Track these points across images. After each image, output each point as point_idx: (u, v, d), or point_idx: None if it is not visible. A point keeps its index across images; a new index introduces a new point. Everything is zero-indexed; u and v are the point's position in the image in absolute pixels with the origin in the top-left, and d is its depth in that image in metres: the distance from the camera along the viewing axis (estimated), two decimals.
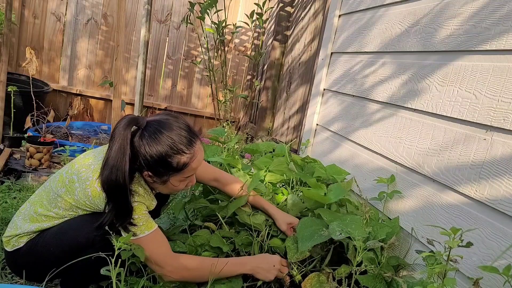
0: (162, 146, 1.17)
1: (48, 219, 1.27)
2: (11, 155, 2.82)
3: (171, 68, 4.33)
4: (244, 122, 4.25)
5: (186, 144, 1.20)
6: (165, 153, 1.18)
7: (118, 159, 1.13)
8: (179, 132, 1.21)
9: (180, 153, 1.20)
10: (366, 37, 1.92)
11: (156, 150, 1.17)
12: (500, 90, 1.14)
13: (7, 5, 2.77)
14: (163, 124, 1.20)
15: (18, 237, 1.28)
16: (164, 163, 1.19)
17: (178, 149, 1.19)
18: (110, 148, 1.15)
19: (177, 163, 1.20)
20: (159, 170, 1.21)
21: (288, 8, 3.63)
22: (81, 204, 1.23)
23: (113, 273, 1.07)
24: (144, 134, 1.18)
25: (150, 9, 3.14)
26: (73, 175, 1.25)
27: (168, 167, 1.20)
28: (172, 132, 1.19)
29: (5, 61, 2.83)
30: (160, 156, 1.17)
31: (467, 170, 1.21)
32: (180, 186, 1.29)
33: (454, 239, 0.95)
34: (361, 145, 1.83)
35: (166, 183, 1.25)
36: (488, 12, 1.22)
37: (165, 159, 1.18)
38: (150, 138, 1.17)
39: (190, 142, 1.22)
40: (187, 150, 1.21)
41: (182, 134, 1.21)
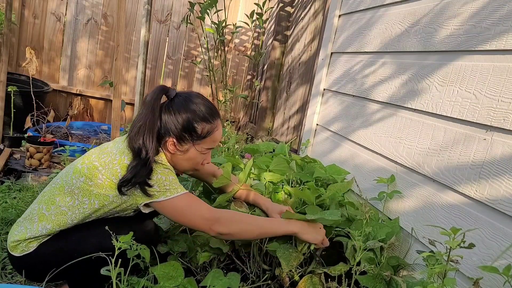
0: (190, 112, 1.28)
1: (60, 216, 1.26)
2: (11, 155, 2.82)
3: (171, 68, 4.33)
4: (244, 122, 4.25)
5: (210, 114, 1.31)
6: (192, 118, 1.28)
7: (148, 119, 1.23)
8: (205, 103, 1.33)
9: (205, 120, 1.30)
10: (366, 37, 1.92)
11: (184, 115, 1.27)
12: (500, 90, 1.14)
13: (7, 5, 2.77)
14: (191, 96, 1.33)
15: (28, 241, 1.27)
16: (190, 128, 1.28)
17: (204, 116, 1.30)
18: (141, 112, 1.26)
19: (201, 129, 1.29)
20: (184, 136, 1.28)
21: (288, 8, 3.63)
22: (102, 190, 1.24)
23: (113, 273, 1.07)
24: (174, 101, 1.30)
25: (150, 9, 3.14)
26: (94, 161, 1.27)
27: (193, 133, 1.29)
28: (198, 103, 1.31)
29: (5, 61, 2.83)
30: (188, 120, 1.27)
31: (467, 170, 1.21)
32: (198, 158, 1.35)
33: (455, 239, 0.95)
34: (361, 145, 1.83)
35: (188, 152, 1.31)
36: (488, 12, 1.22)
37: (191, 124, 1.28)
38: (179, 105, 1.28)
39: (214, 113, 1.33)
40: (211, 119, 1.31)
41: (208, 106, 1.33)
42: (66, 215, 1.26)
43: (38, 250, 1.27)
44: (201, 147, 1.33)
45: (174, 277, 1.32)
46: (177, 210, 1.27)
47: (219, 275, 1.34)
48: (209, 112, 1.32)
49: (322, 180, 1.80)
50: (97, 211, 1.28)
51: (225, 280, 1.32)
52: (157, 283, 1.34)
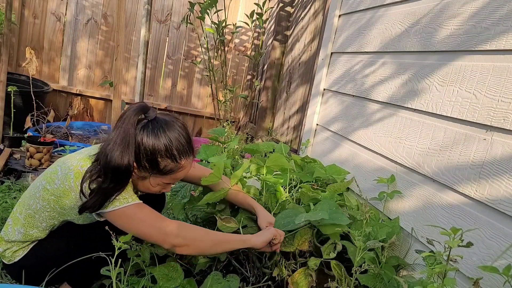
0: (159, 144, 1.18)
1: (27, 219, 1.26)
2: (11, 155, 2.82)
3: (171, 68, 4.33)
4: (244, 122, 4.25)
5: (180, 152, 1.22)
6: (158, 151, 1.18)
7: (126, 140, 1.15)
8: (180, 139, 1.22)
9: (172, 158, 1.20)
10: (366, 37, 1.92)
11: (152, 144, 1.18)
12: (500, 90, 1.14)
13: (7, 5, 2.77)
14: (169, 125, 1.22)
15: (11, 251, 1.28)
16: (152, 160, 1.19)
17: (172, 153, 1.20)
18: (118, 128, 1.17)
19: (164, 166, 1.21)
20: (144, 165, 1.21)
21: (288, 8, 3.63)
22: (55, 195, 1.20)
23: (113, 273, 1.07)
24: (148, 125, 1.20)
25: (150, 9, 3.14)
26: (57, 166, 1.24)
27: (154, 166, 1.21)
28: (173, 136, 1.21)
29: (5, 61, 2.83)
30: (153, 151, 1.18)
31: (467, 170, 1.21)
32: (155, 188, 1.28)
33: (454, 239, 0.95)
34: (361, 145, 1.83)
35: (145, 180, 1.25)
36: (488, 12, 1.22)
37: (155, 157, 1.19)
38: (152, 132, 1.19)
39: (185, 152, 1.23)
40: (179, 158, 1.22)
41: (181, 142, 1.22)
42: (34, 217, 1.26)
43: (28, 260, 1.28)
44: (160, 180, 1.25)
45: (174, 278, 1.32)
46: (128, 220, 1.20)
47: (218, 278, 1.34)
48: (180, 150, 1.22)
49: (322, 180, 1.80)
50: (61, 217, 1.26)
51: (224, 283, 1.32)
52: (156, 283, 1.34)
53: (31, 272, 1.28)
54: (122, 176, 1.17)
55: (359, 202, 1.70)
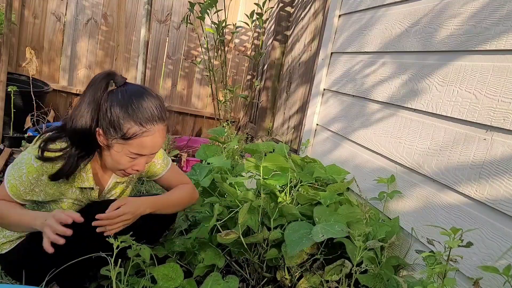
0: (124, 106, 1.16)
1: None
2: (11, 155, 2.82)
3: (171, 68, 4.33)
4: (244, 122, 4.25)
5: (146, 117, 1.17)
6: (123, 113, 1.15)
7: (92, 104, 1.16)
8: (147, 104, 1.17)
9: (135, 120, 1.16)
10: (366, 37, 1.92)
11: (116, 107, 1.16)
12: (500, 90, 1.14)
13: (7, 5, 2.77)
14: (137, 90, 1.20)
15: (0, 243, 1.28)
16: (115, 123, 1.16)
17: (136, 116, 1.16)
18: (84, 94, 1.17)
19: (127, 129, 1.16)
20: (108, 130, 1.17)
21: (288, 8, 3.62)
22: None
23: (113, 273, 1.07)
24: (116, 91, 1.19)
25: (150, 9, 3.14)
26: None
27: (117, 129, 1.16)
28: (140, 100, 1.17)
29: (5, 61, 2.83)
30: (117, 114, 1.15)
31: (467, 170, 1.21)
32: (123, 160, 1.22)
33: (454, 239, 0.95)
34: (361, 145, 1.83)
35: (111, 148, 1.20)
36: (488, 12, 1.22)
37: (118, 119, 1.15)
38: (117, 96, 1.17)
39: (152, 118, 1.18)
40: (145, 122, 1.17)
41: (148, 107, 1.17)
42: None
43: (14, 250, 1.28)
44: (125, 148, 1.19)
45: (174, 278, 1.32)
46: None
47: (217, 279, 1.34)
48: (146, 114, 1.17)
49: (322, 180, 1.80)
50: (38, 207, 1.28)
51: (223, 284, 1.32)
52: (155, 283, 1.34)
53: (18, 267, 1.28)
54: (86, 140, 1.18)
55: (359, 202, 1.70)
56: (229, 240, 1.36)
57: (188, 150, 3.41)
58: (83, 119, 1.16)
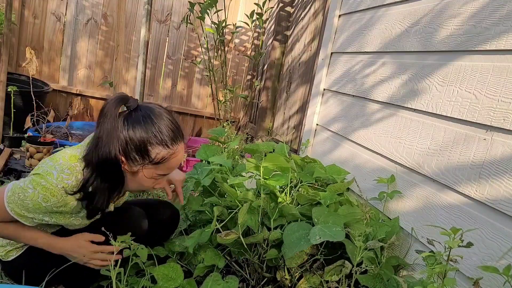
0: (147, 132, 1.12)
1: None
2: (11, 155, 2.82)
3: (171, 68, 4.33)
4: (244, 122, 4.25)
5: (171, 138, 1.15)
6: (148, 139, 1.12)
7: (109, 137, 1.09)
8: (168, 124, 1.15)
9: (163, 144, 1.14)
10: (366, 37, 1.92)
11: (139, 133, 1.11)
12: (500, 90, 1.14)
13: (7, 5, 2.77)
14: (153, 111, 1.15)
15: (5, 250, 1.27)
16: (142, 150, 1.12)
17: (162, 139, 1.13)
18: (100, 125, 1.11)
19: (156, 154, 1.14)
20: (134, 157, 1.14)
21: (288, 8, 3.62)
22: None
23: (112, 273, 1.07)
24: (131, 115, 1.13)
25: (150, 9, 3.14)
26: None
27: (144, 156, 1.14)
28: (161, 122, 1.14)
29: (5, 61, 2.83)
30: (142, 141, 1.11)
31: (467, 170, 1.21)
32: (148, 183, 1.21)
33: (454, 239, 0.95)
34: (361, 145, 1.83)
35: (136, 174, 1.17)
36: (488, 12, 1.22)
37: (145, 146, 1.12)
38: (137, 121, 1.12)
39: (176, 138, 1.16)
40: (171, 144, 1.15)
41: (170, 127, 1.15)
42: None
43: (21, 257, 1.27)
44: (153, 172, 1.18)
45: (174, 278, 1.32)
46: None
47: (217, 279, 1.34)
48: (170, 135, 1.15)
49: (322, 180, 1.80)
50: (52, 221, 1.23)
51: (223, 284, 1.32)
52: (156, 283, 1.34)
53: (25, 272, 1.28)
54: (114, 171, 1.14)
55: (359, 202, 1.70)
56: (229, 240, 1.36)
57: (188, 150, 3.41)
58: (107, 150, 1.10)
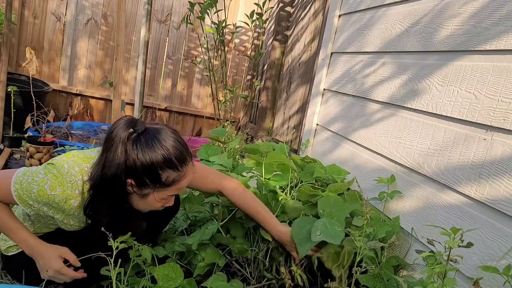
0: (156, 155, 1.11)
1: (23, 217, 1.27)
2: (11, 155, 2.82)
3: (171, 68, 4.33)
4: (244, 122, 4.25)
5: (180, 160, 1.15)
6: (157, 163, 1.11)
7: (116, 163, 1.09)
8: (176, 146, 1.15)
9: (173, 167, 1.14)
10: (366, 37, 1.92)
11: (149, 157, 1.10)
12: (500, 90, 1.14)
13: (7, 5, 2.77)
14: (162, 133, 1.15)
15: (6, 245, 1.27)
16: (152, 174, 1.13)
17: (172, 163, 1.13)
18: (107, 150, 1.10)
19: (166, 177, 1.14)
20: (144, 181, 1.14)
21: (288, 8, 3.62)
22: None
23: (113, 273, 1.07)
24: (140, 139, 1.12)
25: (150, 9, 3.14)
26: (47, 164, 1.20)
27: (155, 180, 1.14)
28: (168, 144, 1.13)
29: (5, 61, 2.83)
30: (152, 165, 1.11)
31: (467, 170, 1.21)
32: (158, 204, 1.22)
33: (454, 239, 0.95)
34: (361, 145, 1.83)
35: (146, 197, 1.18)
36: (488, 12, 1.22)
37: (155, 170, 1.12)
38: (146, 144, 1.11)
39: (185, 159, 1.17)
40: (180, 166, 1.15)
41: (178, 149, 1.15)
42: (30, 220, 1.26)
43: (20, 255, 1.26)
44: (164, 194, 1.19)
45: (174, 278, 1.32)
46: None
47: (222, 279, 1.34)
48: (179, 157, 1.14)
49: (322, 180, 1.80)
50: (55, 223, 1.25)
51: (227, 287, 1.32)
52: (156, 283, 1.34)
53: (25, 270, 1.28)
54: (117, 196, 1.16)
55: (360, 202, 1.70)
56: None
57: None
58: (113, 175, 1.10)
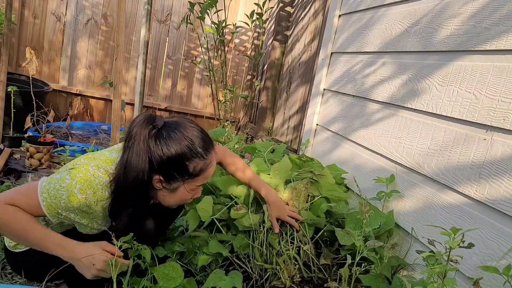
0: (181, 147, 1.11)
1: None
2: (11, 155, 2.82)
3: (171, 68, 4.33)
4: (244, 122, 4.25)
5: (204, 148, 1.15)
6: (184, 154, 1.11)
7: (139, 161, 1.08)
8: (198, 135, 1.15)
9: (199, 156, 1.14)
10: (366, 37, 1.92)
11: (174, 150, 1.10)
12: (500, 90, 1.14)
13: (7, 5, 2.77)
14: (180, 125, 1.15)
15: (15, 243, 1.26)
16: (180, 166, 1.12)
17: (197, 152, 1.13)
18: (129, 148, 1.10)
19: (194, 168, 1.14)
20: (173, 174, 1.14)
21: (288, 8, 3.63)
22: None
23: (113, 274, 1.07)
24: (161, 133, 1.12)
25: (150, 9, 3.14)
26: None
27: (183, 171, 1.14)
28: (191, 134, 1.13)
29: (5, 61, 2.83)
30: (178, 157, 1.11)
31: (467, 170, 1.21)
32: (188, 196, 1.22)
33: (455, 239, 0.95)
34: (361, 145, 1.83)
35: (176, 190, 1.18)
36: (488, 12, 1.22)
37: (182, 161, 1.12)
38: (169, 138, 1.11)
39: (208, 147, 1.17)
40: (205, 155, 1.16)
41: (201, 138, 1.16)
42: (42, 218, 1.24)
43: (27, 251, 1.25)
44: (193, 184, 1.19)
45: (174, 278, 1.32)
46: None
47: (221, 275, 1.34)
48: (203, 146, 1.15)
49: None
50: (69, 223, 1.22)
51: (228, 279, 1.32)
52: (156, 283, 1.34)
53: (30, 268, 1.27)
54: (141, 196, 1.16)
55: (359, 202, 1.70)
56: (241, 215, 1.46)
57: None
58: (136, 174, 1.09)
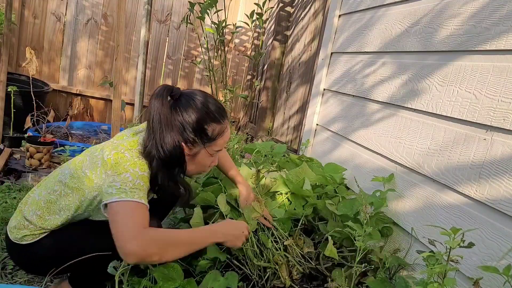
0: (201, 112, 1.20)
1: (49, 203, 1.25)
2: (11, 155, 2.82)
3: (171, 68, 4.33)
4: (244, 122, 4.25)
5: (220, 114, 1.25)
6: (202, 119, 1.20)
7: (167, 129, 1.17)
8: (213, 102, 1.25)
9: (216, 120, 1.23)
10: (366, 37, 1.92)
11: (194, 116, 1.19)
12: (500, 90, 1.14)
13: (7, 5, 2.77)
14: (196, 94, 1.24)
15: (21, 234, 1.25)
16: (200, 130, 1.21)
17: (214, 116, 1.23)
18: (153, 120, 1.16)
19: (212, 131, 1.23)
20: (194, 140, 1.22)
21: (288, 8, 3.63)
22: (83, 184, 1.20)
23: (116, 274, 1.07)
24: (180, 101, 1.21)
25: (150, 9, 3.14)
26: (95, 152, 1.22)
27: (203, 135, 1.22)
28: (207, 102, 1.23)
29: (5, 61, 2.83)
30: (198, 122, 1.20)
31: (467, 170, 1.21)
32: (207, 161, 1.30)
33: (455, 239, 0.95)
34: (361, 145, 1.83)
35: (196, 156, 1.26)
36: (488, 12, 1.22)
37: (202, 125, 1.21)
38: (187, 105, 1.20)
39: (223, 112, 1.27)
40: (222, 119, 1.25)
41: (216, 104, 1.26)
42: (55, 203, 1.24)
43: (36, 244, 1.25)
44: (212, 149, 1.27)
45: (174, 278, 1.32)
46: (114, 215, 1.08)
47: (216, 276, 1.34)
48: (218, 112, 1.25)
49: None
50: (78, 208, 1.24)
51: (222, 280, 1.32)
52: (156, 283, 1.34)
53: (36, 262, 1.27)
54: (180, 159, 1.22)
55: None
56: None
57: None
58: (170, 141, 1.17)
